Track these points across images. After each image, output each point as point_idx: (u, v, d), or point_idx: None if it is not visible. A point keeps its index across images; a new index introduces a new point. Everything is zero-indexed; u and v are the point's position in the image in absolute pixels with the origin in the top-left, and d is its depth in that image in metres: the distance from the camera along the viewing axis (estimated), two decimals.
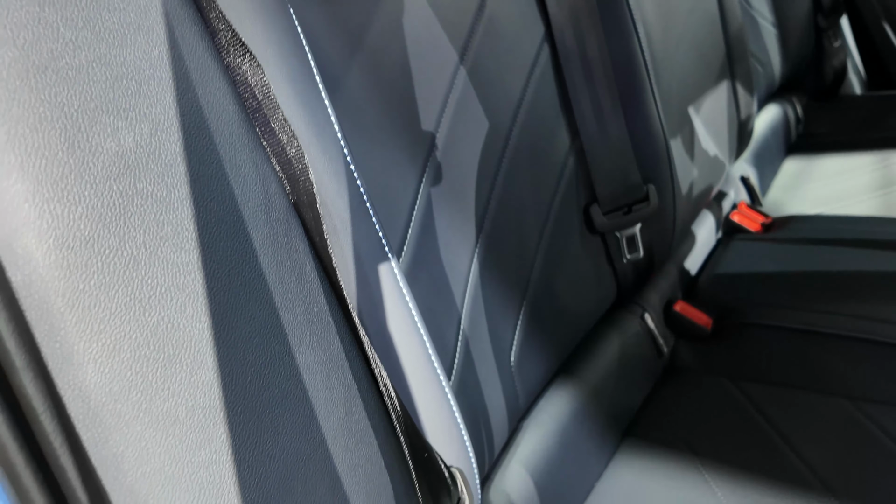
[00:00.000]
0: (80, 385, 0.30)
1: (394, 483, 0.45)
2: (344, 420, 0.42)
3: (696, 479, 0.75)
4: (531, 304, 0.73)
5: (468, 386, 0.63)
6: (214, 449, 0.34)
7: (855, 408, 0.79)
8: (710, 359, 0.93)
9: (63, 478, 0.30)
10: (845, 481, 0.70)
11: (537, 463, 0.72)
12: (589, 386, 0.81)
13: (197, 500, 0.33)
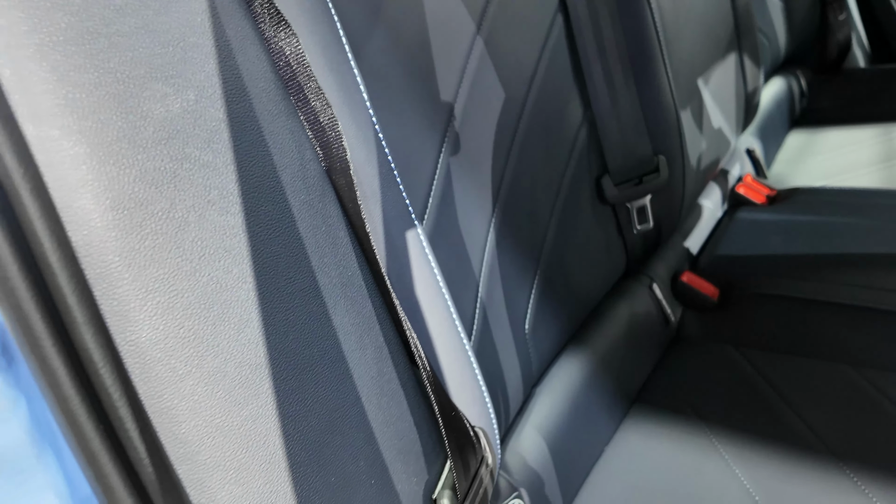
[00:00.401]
0: (136, 341, 0.31)
1: (422, 440, 0.47)
2: (376, 379, 0.43)
3: (703, 442, 0.77)
4: (544, 273, 0.74)
5: (485, 352, 0.65)
6: (260, 403, 0.35)
7: (857, 373, 0.81)
8: (716, 328, 0.95)
9: (122, 428, 0.31)
10: (848, 443, 0.73)
11: (550, 427, 0.74)
12: (599, 354, 0.83)
13: (245, 451, 0.34)
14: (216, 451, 0.33)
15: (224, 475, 0.34)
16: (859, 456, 0.71)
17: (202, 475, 0.33)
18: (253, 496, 0.34)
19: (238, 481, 0.34)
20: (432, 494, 0.46)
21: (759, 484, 0.70)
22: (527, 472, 0.69)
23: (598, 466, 0.78)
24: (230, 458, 0.34)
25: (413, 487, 0.45)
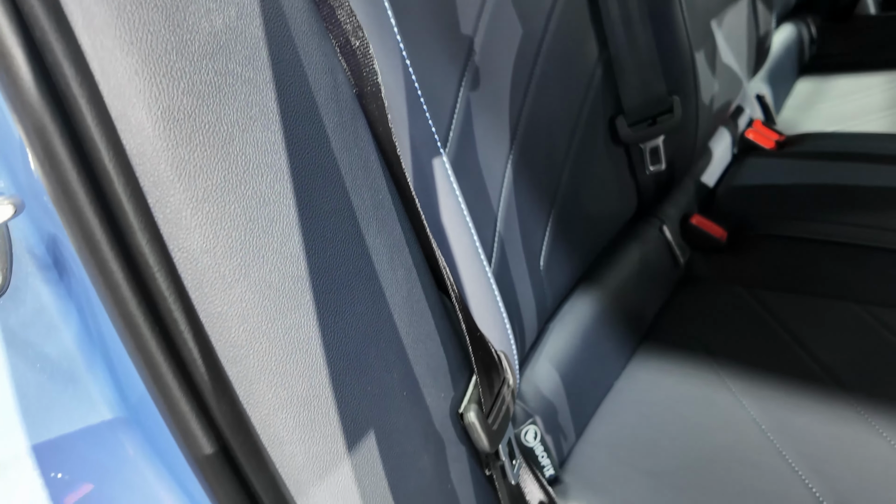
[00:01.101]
0: (188, 248, 0.32)
1: (449, 359, 0.49)
2: (407, 299, 0.45)
3: (711, 376, 0.80)
4: (559, 211, 0.76)
5: (503, 286, 0.67)
6: (302, 313, 0.37)
7: (864, 311, 0.83)
8: (724, 268, 0.97)
9: (176, 331, 0.33)
10: (854, 377, 0.75)
11: (563, 360, 0.76)
12: (610, 292, 0.85)
13: (289, 357, 0.36)
14: (263, 355, 0.35)
15: (271, 378, 0.35)
16: (864, 388, 0.73)
17: (251, 377, 0.35)
18: (297, 399, 0.36)
19: (284, 385, 0.36)
20: (458, 409, 0.48)
21: (766, 414, 0.73)
22: (541, 400, 0.71)
23: (608, 398, 0.81)
24: (276, 362, 0.36)
25: (441, 402, 0.47)
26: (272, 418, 0.36)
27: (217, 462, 0.34)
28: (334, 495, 0.38)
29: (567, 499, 0.69)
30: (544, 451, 0.69)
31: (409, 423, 0.43)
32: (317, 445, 0.37)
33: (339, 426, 0.38)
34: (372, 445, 0.40)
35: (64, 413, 0.38)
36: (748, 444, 0.70)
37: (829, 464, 0.66)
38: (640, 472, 0.70)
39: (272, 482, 0.36)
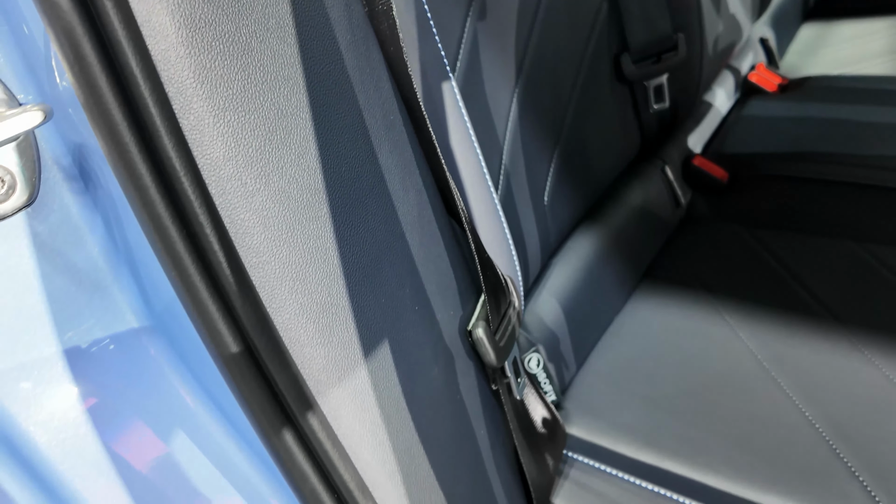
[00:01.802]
0: (211, 156, 0.34)
1: (458, 279, 0.50)
2: (418, 219, 0.46)
3: (710, 311, 0.82)
4: (564, 147, 0.76)
5: (507, 217, 0.68)
6: (319, 225, 0.38)
7: (860, 248, 0.85)
8: (724, 209, 0.98)
9: (202, 233, 0.34)
10: (850, 311, 0.77)
11: (565, 294, 0.78)
12: (612, 230, 0.86)
13: (308, 266, 0.38)
14: (284, 262, 0.37)
15: (291, 285, 0.37)
16: (859, 321, 0.75)
17: (272, 282, 0.36)
18: (317, 306, 0.38)
19: (303, 291, 0.37)
20: (467, 326, 0.50)
21: (762, 346, 0.75)
22: (544, 330, 0.73)
23: (609, 332, 0.83)
24: (296, 269, 0.37)
25: (450, 319, 0.49)
26: (293, 322, 0.37)
27: (243, 361, 0.36)
28: (352, 397, 0.40)
29: (568, 423, 0.71)
30: (546, 377, 0.71)
31: (420, 336, 0.45)
32: (335, 350, 0.39)
33: (356, 333, 0.40)
34: (386, 354, 0.42)
35: (92, 320, 0.40)
36: (744, 372, 0.73)
37: (823, 390, 0.69)
38: (637, 398, 0.73)
39: (294, 381, 0.38)
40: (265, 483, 0.43)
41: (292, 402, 0.38)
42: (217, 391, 0.43)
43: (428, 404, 0.45)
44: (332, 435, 0.39)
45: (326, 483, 0.39)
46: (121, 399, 0.41)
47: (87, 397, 0.40)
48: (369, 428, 0.41)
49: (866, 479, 0.59)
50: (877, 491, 0.58)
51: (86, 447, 0.40)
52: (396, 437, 0.42)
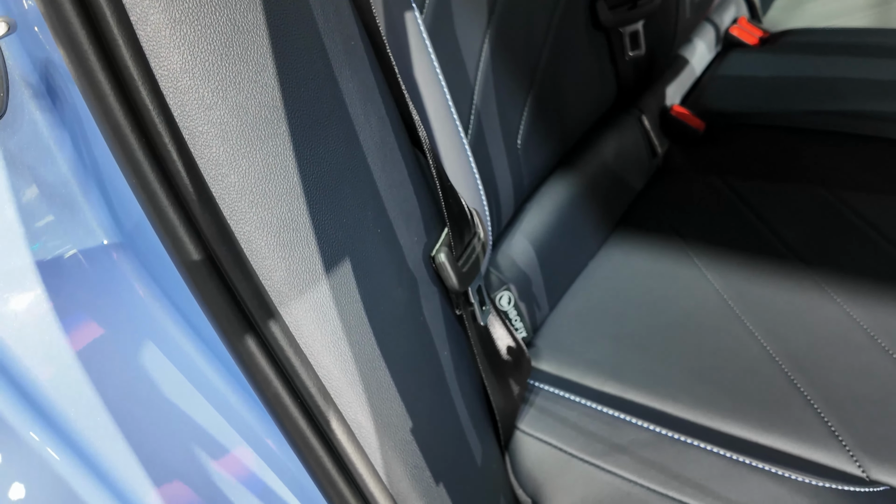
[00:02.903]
0: (169, 67, 0.35)
1: (422, 208, 0.52)
2: (380, 146, 0.48)
3: (680, 255, 0.84)
4: (538, 92, 0.78)
5: (479, 157, 0.69)
6: (278, 142, 0.40)
7: (830, 194, 0.87)
8: (701, 159, 1.00)
9: (161, 142, 0.36)
10: (816, 253, 0.79)
11: (538, 236, 0.80)
12: (587, 177, 0.88)
13: (268, 180, 0.39)
14: (243, 175, 0.38)
15: (251, 198, 0.39)
16: (824, 262, 0.77)
17: (232, 195, 0.38)
18: (277, 220, 0.40)
19: (263, 205, 0.39)
20: (431, 253, 0.52)
21: (728, 286, 0.77)
22: (515, 270, 0.75)
23: (582, 276, 0.85)
24: (256, 184, 0.39)
25: (414, 245, 0.50)
26: (254, 235, 0.39)
27: (204, 269, 0.38)
28: (313, 309, 0.42)
29: (537, 359, 0.74)
30: (518, 315, 0.73)
31: (383, 258, 0.47)
32: (296, 264, 0.41)
33: (317, 249, 0.42)
34: (347, 271, 0.44)
35: (63, 235, 0.42)
36: (709, 311, 0.75)
37: (784, 326, 0.71)
38: (605, 336, 0.75)
39: (256, 290, 0.39)
40: (232, 392, 0.45)
41: (254, 310, 0.40)
42: (186, 305, 0.45)
43: (390, 322, 0.47)
44: (293, 343, 0.41)
45: (289, 388, 0.42)
46: (91, 311, 0.43)
47: (58, 309, 0.42)
48: (331, 339, 0.43)
49: (820, 407, 0.62)
50: (829, 417, 0.61)
51: (57, 358, 0.42)
52: (357, 348, 0.44)
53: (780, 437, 0.60)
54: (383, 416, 0.45)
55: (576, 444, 0.61)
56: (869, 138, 0.89)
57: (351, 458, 0.44)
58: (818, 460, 0.58)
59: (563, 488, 0.58)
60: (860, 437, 0.59)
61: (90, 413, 0.43)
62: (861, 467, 0.57)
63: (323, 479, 0.43)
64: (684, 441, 0.60)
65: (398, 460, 0.46)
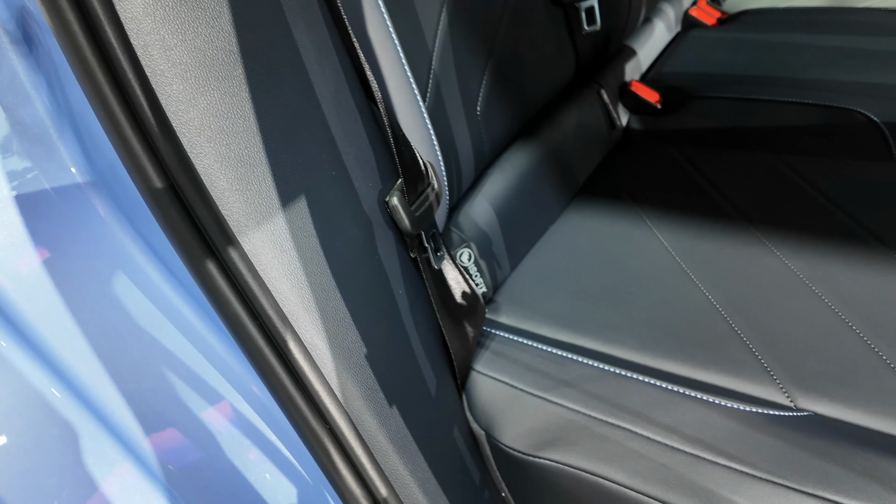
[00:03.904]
0: (132, 10, 0.39)
1: (377, 158, 0.56)
2: (335, 95, 0.52)
3: (634, 218, 0.88)
4: (497, 61, 0.82)
5: (438, 120, 0.73)
6: (235, 84, 0.43)
7: (777, 159, 0.91)
8: (657, 131, 1.04)
9: (125, 78, 0.39)
10: (761, 212, 0.84)
11: (500, 200, 0.84)
12: (548, 145, 0.92)
13: (225, 118, 0.43)
14: (202, 112, 0.42)
15: (210, 134, 0.43)
16: (767, 219, 0.82)
17: (192, 130, 0.42)
18: (234, 155, 0.44)
19: (221, 141, 0.43)
20: (385, 199, 0.56)
21: (678, 244, 0.82)
22: (476, 230, 0.79)
23: (543, 239, 0.89)
24: (214, 121, 0.43)
25: (369, 190, 0.55)
26: (213, 168, 0.43)
27: (166, 195, 0.42)
28: (271, 239, 0.46)
29: (497, 313, 0.78)
30: (478, 271, 0.78)
31: (339, 199, 0.51)
32: (253, 197, 0.45)
33: (273, 186, 0.46)
34: (303, 207, 0.48)
35: (40, 172, 0.46)
36: (659, 267, 0.80)
37: (727, 278, 0.75)
38: (563, 292, 0.79)
39: (215, 218, 0.43)
40: (198, 319, 0.49)
41: (214, 236, 0.44)
42: (156, 240, 0.49)
43: (346, 258, 0.51)
44: (252, 269, 0.45)
45: (248, 310, 0.46)
46: (66, 245, 0.47)
47: (35, 243, 0.46)
48: (288, 268, 0.47)
49: (755, 347, 0.66)
50: (763, 356, 0.65)
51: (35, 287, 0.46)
52: (314, 278, 0.48)
53: (717, 373, 0.64)
54: (338, 340, 0.50)
55: (526, 381, 0.65)
56: (812, 106, 0.94)
57: (308, 377, 0.48)
58: (750, 392, 0.62)
59: (512, 419, 0.62)
60: (790, 372, 0.63)
61: (67, 339, 0.46)
62: (789, 397, 0.61)
63: (282, 396, 0.47)
64: (625, 375, 0.64)
65: (353, 381, 0.50)
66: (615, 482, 0.56)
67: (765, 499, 0.52)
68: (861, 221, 0.78)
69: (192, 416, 0.48)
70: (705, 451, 0.56)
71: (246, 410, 0.50)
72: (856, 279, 0.71)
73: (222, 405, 0.49)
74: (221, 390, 0.49)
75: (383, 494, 0.51)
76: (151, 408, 0.48)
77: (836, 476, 0.53)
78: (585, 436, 0.59)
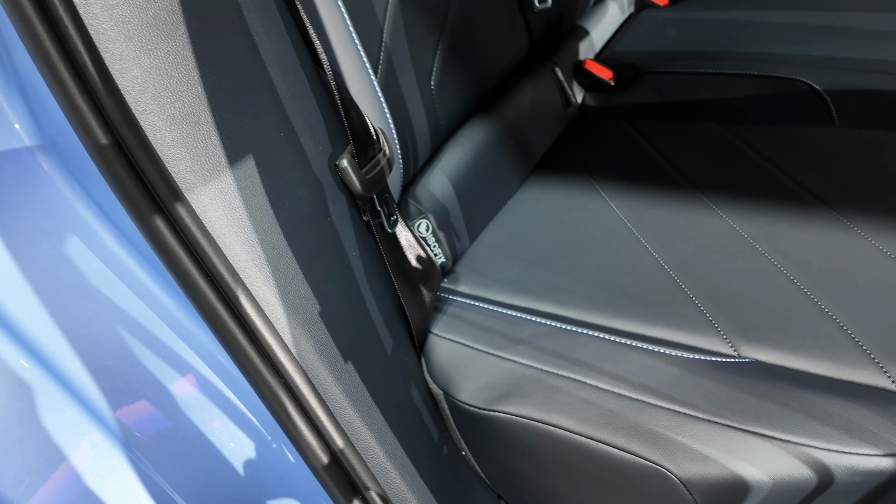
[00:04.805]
0: None
1: (327, 122, 0.57)
2: (280, 58, 0.53)
3: (589, 190, 0.91)
4: (449, 36, 0.83)
5: (392, 96, 0.75)
6: (178, 43, 0.44)
7: (725, 129, 0.94)
8: (612, 106, 1.07)
9: (68, 35, 0.40)
10: (708, 178, 0.87)
11: (457, 173, 0.86)
12: (504, 121, 0.94)
13: (169, 77, 0.44)
14: (146, 71, 0.43)
15: (154, 92, 0.44)
16: (713, 185, 0.85)
17: (136, 88, 0.43)
18: (179, 113, 0.45)
19: (166, 99, 0.44)
20: (335, 162, 0.57)
21: (630, 211, 0.84)
22: (434, 202, 0.81)
23: (501, 212, 0.91)
24: (157, 80, 0.44)
25: (319, 153, 0.56)
26: (158, 125, 0.44)
27: (111, 152, 0.43)
28: (219, 196, 0.47)
29: (456, 282, 0.80)
30: (436, 242, 0.79)
31: (288, 159, 0.53)
32: (200, 154, 0.46)
33: (220, 144, 0.47)
34: (251, 166, 0.49)
35: None
36: (612, 233, 0.82)
37: (675, 240, 0.78)
38: (518, 259, 0.81)
39: (161, 174, 0.44)
40: (148, 277, 0.50)
41: (161, 192, 0.45)
42: (106, 203, 0.50)
43: (296, 217, 0.53)
44: (200, 225, 0.46)
45: (198, 266, 0.47)
46: (17, 207, 0.47)
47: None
48: (237, 225, 0.48)
49: (701, 302, 0.69)
50: (708, 310, 0.68)
51: None
52: (264, 236, 0.49)
53: (664, 327, 0.67)
54: (291, 297, 0.51)
55: (481, 341, 0.67)
56: (758, 77, 0.98)
57: (261, 331, 0.49)
58: (695, 344, 0.65)
59: (468, 377, 0.64)
60: (734, 324, 0.66)
61: (21, 303, 0.47)
62: (732, 347, 0.64)
63: (236, 350, 0.49)
64: (576, 331, 0.66)
65: (306, 336, 0.51)
66: (565, 429, 0.58)
67: (706, 437, 0.54)
68: (803, 183, 0.82)
69: (155, 379, 0.49)
70: (650, 396, 0.58)
71: (201, 367, 0.51)
72: (797, 236, 0.74)
73: (176, 362, 0.50)
74: (177, 349, 0.50)
75: (339, 446, 0.53)
76: (112, 373, 0.49)
77: (772, 414, 0.55)
78: (537, 388, 0.61)
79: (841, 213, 0.76)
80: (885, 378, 0.59)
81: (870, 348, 0.61)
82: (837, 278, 0.68)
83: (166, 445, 0.53)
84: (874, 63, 0.95)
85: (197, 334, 0.52)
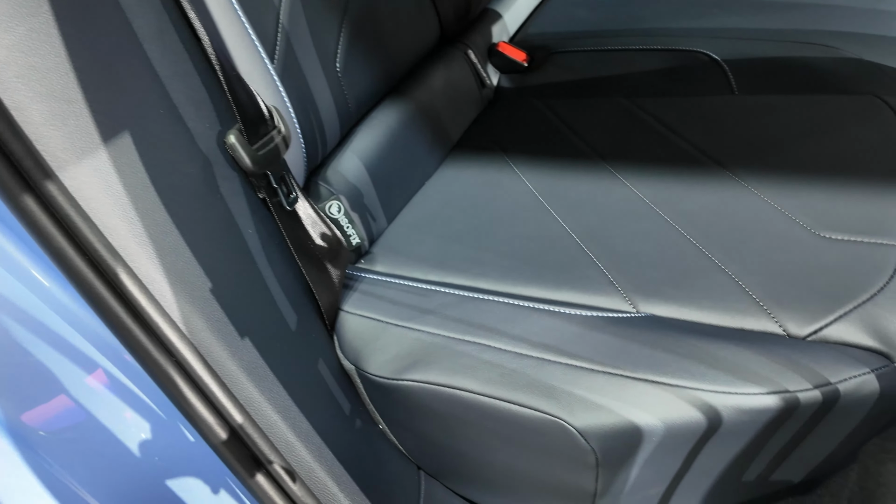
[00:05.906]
0: None
1: (213, 99, 0.57)
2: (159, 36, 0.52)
3: (503, 166, 0.92)
4: (353, 17, 0.83)
5: (293, 78, 0.74)
6: (42, 20, 0.44)
7: (630, 103, 0.97)
8: (526, 86, 1.09)
9: None
10: (614, 150, 0.89)
11: (370, 155, 0.86)
12: (417, 104, 0.95)
13: (33, 54, 0.43)
14: (7, 50, 0.42)
15: (18, 71, 0.43)
16: (619, 155, 0.88)
17: None
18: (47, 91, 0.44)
19: (32, 77, 0.43)
20: (223, 139, 0.57)
21: (540, 184, 0.86)
22: (345, 184, 0.81)
23: (419, 192, 0.92)
24: (21, 58, 0.43)
25: (206, 129, 0.56)
26: (24, 104, 0.43)
27: None
28: (95, 174, 0.46)
29: (372, 263, 0.80)
30: (349, 222, 0.80)
31: (170, 137, 0.52)
32: (72, 132, 0.45)
33: (92, 121, 0.47)
34: (128, 143, 0.49)
35: None
36: (523, 206, 0.84)
37: (582, 209, 0.80)
38: (433, 236, 0.82)
39: (28, 151, 0.44)
40: (24, 256, 0.49)
41: (30, 169, 0.44)
42: None
43: (182, 194, 0.52)
44: (74, 203, 0.46)
45: (73, 243, 0.46)
46: None
47: None
48: (116, 201, 0.47)
49: (604, 265, 0.71)
50: (610, 272, 0.70)
51: None
52: (146, 212, 0.49)
53: (568, 290, 0.69)
54: (178, 273, 0.51)
55: (390, 314, 0.68)
56: (661, 51, 1.01)
57: (145, 309, 0.49)
58: (596, 304, 0.67)
59: (378, 350, 0.65)
60: (633, 283, 0.68)
61: None
62: (631, 304, 0.66)
63: (119, 328, 0.48)
64: (482, 298, 0.67)
65: (197, 314, 0.51)
66: (469, 391, 0.59)
67: (600, 388, 0.56)
68: (702, 148, 0.85)
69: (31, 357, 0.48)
70: (549, 353, 0.60)
71: (92, 353, 0.51)
72: (694, 198, 0.77)
73: (64, 346, 0.50)
74: (62, 332, 0.50)
75: (238, 421, 0.53)
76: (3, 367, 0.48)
77: (663, 361, 0.57)
78: (443, 355, 0.62)
79: (736, 173, 0.79)
80: (772, 323, 0.62)
81: (759, 297, 0.64)
82: (731, 234, 0.71)
83: (63, 441, 0.52)
84: (767, 32, 0.99)
85: (84, 318, 0.51)
